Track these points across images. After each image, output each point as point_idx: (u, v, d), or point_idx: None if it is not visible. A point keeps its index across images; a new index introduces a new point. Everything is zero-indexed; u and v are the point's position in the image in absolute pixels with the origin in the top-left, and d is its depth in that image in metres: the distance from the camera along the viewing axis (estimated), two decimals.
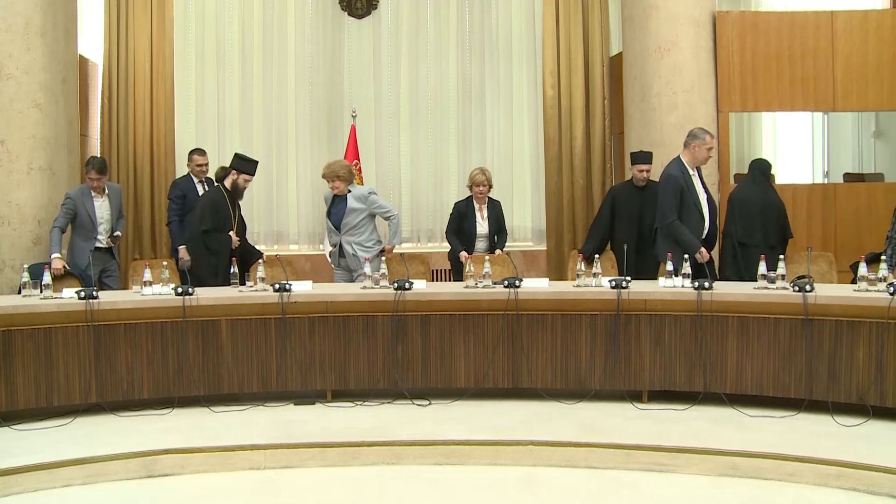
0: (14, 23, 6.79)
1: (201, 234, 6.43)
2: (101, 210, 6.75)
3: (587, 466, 4.47)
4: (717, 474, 4.30)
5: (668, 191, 6.02)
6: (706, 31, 7.46)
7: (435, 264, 8.46)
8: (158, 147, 8.81)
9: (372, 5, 9.34)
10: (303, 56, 9.29)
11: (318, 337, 5.46)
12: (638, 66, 7.59)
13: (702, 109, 7.39)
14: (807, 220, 7.47)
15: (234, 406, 5.34)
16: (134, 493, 4.24)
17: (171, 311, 5.32)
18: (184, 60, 9.10)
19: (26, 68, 6.84)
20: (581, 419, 4.98)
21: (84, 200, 6.67)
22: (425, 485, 4.29)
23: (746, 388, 5.16)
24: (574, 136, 9.14)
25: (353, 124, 8.69)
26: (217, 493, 4.23)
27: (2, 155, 6.76)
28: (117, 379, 5.26)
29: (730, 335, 5.19)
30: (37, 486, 4.25)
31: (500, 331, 5.43)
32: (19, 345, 5.07)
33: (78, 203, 6.64)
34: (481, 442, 4.61)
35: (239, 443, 4.61)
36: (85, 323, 5.18)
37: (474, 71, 9.43)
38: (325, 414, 5.23)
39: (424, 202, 9.43)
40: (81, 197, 6.67)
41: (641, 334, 5.34)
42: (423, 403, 5.35)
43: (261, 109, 9.27)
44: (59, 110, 7.11)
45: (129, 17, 8.76)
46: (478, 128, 9.44)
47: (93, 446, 4.55)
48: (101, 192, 6.75)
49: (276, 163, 9.22)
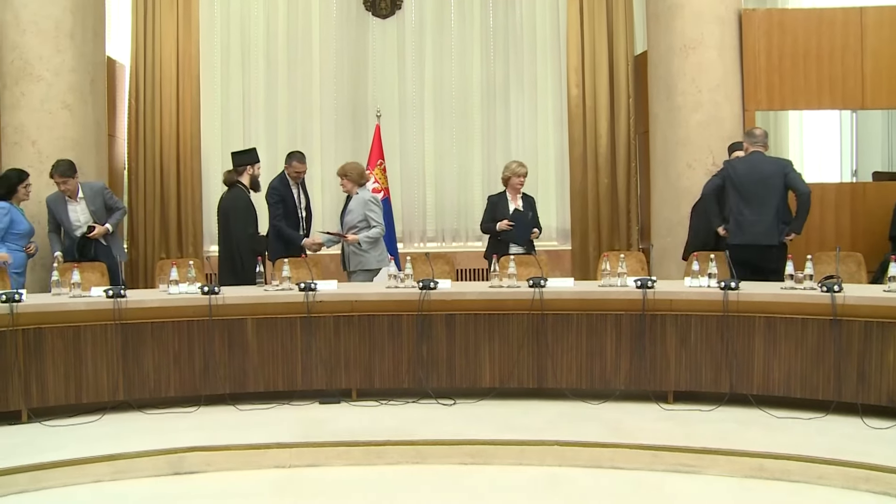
0: (45, 25, 6.90)
1: (249, 236, 6.51)
2: (76, 214, 6.68)
3: (612, 467, 4.44)
4: (743, 476, 4.26)
5: None
6: (732, 30, 7.40)
7: (460, 264, 8.46)
8: (184, 147, 8.89)
9: (396, 5, 9.37)
10: (327, 56, 9.33)
11: (344, 336, 5.48)
12: (663, 64, 7.54)
13: (727, 108, 7.33)
14: (835, 220, 7.38)
15: (259, 404, 5.36)
16: (161, 489, 4.27)
17: (198, 310, 5.35)
18: (210, 61, 9.19)
19: (56, 70, 6.95)
20: (606, 420, 4.96)
21: (58, 206, 6.64)
22: (450, 485, 4.29)
23: (773, 389, 5.11)
24: (599, 136, 9.11)
25: (377, 124, 8.71)
26: (242, 490, 4.25)
27: (33, 156, 6.88)
28: (144, 377, 5.31)
29: (756, 335, 5.14)
30: (67, 481, 4.30)
31: (525, 330, 5.42)
32: (49, 342, 5.13)
33: (52, 209, 6.64)
34: (506, 442, 4.60)
35: (264, 441, 4.63)
36: (113, 321, 5.23)
37: (498, 70, 9.43)
38: (349, 413, 5.25)
39: (449, 201, 9.43)
40: (55, 203, 6.65)
41: (667, 334, 5.31)
42: (447, 403, 5.36)
43: (286, 109, 9.33)
44: (88, 111, 7.21)
45: (156, 18, 8.86)
46: (502, 127, 9.44)
47: (121, 443, 4.59)
48: (73, 196, 6.65)
49: None
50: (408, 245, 9.25)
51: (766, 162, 6.28)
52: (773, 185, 6.16)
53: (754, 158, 6.27)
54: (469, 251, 9.20)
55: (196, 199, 8.93)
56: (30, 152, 6.92)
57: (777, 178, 6.16)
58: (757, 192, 6.15)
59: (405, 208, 9.32)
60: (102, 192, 6.84)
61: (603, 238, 9.09)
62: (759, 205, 6.15)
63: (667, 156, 7.49)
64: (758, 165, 6.23)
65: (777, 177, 6.17)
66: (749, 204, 6.17)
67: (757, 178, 6.17)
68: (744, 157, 6.32)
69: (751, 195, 6.16)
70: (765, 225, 6.13)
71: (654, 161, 7.78)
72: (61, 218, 6.63)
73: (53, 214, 6.65)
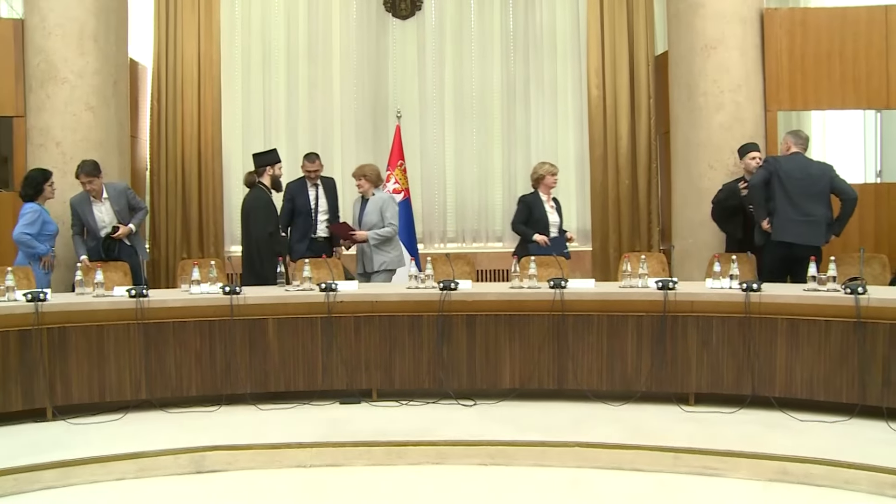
0: (70, 28, 6.98)
1: (268, 236, 6.55)
2: (101, 214, 6.74)
3: (633, 469, 4.42)
4: (766, 479, 4.22)
5: None
6: (754, 29, 7.35)
7: (480, 264, 8.46)
8: (206, 148, 8.95)
9: (416, 6, 9.38)
10: (348, 57, 9.36)
11: (364, 336, 5.49)
12: (684, 64, 7.50)
13: (749, 109, 7.28)
14: (859, 221, 7.28)
15: (280, 404, 5.38)
16: (184, 488, 4.30)
17: (219, 310, 5.39)
18: (231, 63, 9.23)
19: (80, 72, 7.02)
20: (627, 421, 4.94)
21: (83, 207, 6.69)
22: (470, 485, 4.29)
23: (796, 392, 5.06)
24: (619, 137, 9.08)
25: (397, 125, 8.71)
26: (264, 490, 4.27)
27: (58, 157, 6.95)
28: (166, 376, 5.35)
29: (779, 337, 5.10)
30: (92, 478, 4.34)
31: (545, 331, 5.41)
32: (73, 341, 5.19)
33: (77, 210, 6.69)
34: (527, 443, 4.59)
35: (285, 441, 4.65)
36: (136, 321, 5.27)
37: (518, 71, 9.41)
38: (370, 413, 5.26)
39: (469, 202, 9.43)
40: (80, 204, 6.70)
41: (688, 336, 5.28)
42: (468, 404, 5.36)
43: (306, 111, 9.36)
44: (111, 113, 7.28)
45: (178, 21, 8.93)
46: (522, 128, 9.43)
47: (144, 441, 4.63)
48: (98, 196, 6.71)
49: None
50: (428, 246, 9.25)
51: (811, 163, 6.33)
52: (821, 186, 6.18)
53: (800, 158, 6.29)
54: (489, 252, 9.20)
55: (217, 199, 8.98)
56: (54, 153, 6.99)
57: (824, 181, 6.18)
58: (805, 192, 6.15)
59: (425, 209, 9.32)
60: (126, 193, 6.90)
61: (623, 239, 9.05)
62: (805, 204, 6.14)
63: (688, 156, 7.45)
64: (805, 165, 6.24)
65: (824, 179, 6.19)
66: (795, 202, 6.14)
67: (805, 178, 6.18)
68: (789, 156, 6.31)
69: (798, 194, 6.15)
70: (812, 225, 6.13)
71: (675, 162, 7.74)
72: (86, 218, 6.68)
73: (78, 216, 6.70)
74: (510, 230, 9.18)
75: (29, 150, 7.09)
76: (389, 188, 8.25)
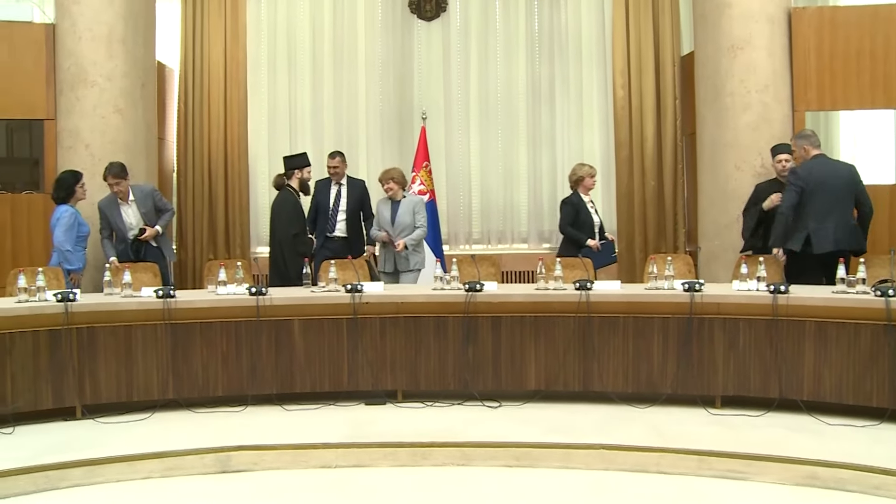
0: (99, 32, 7.07)
1: (293, 237, 6.60)
2: (128, 216, 6.79)
3: (658, 472, 4.40)
4: (794, 484, 4.18)
5: None
6: (781, 29, 7.27)
7: (505, 266, 8.45)
8: (232, 150, 9.01)
9: (441, 7, 9.38)
10: (373, 59, 9.38)
11: (390, 337, 5.51)
12: (710, 65, 7.45)
13: (777, 109, 7.21)
14: (889, 222, 7.20)
15: (306, 405, 5.41)
16: (209, 487, 4.33)
17: (246, 311, 5.43)
18: (256, 65, 9.29)
19: (109, 75, 7.11)
20: (653, 424, 4.91)
21: (111, 210, 6.74)
22: (495, 487, 4.28)
23: (825, 396, 5.01)
24: (645, 138, 9.03)
25: (423, 126, 8.72)
26: (289, 490, 4.29)
27: (87, 159, 7.03)
28: (193, 376, 5.40)
29: (807, 340, 5.05)
30: (119, 476, 4.39)
31: (571, 333, 5.39)
32: (101, 341, 5.25)
33: (106, 212, 6.73)
34: (552, 445, 4.58)
35: (311, 441, 4.67)
36: (163, 321, 5.32)
37: (544, 72, 9.39)
38: (395, 414, 5.28)
39: (494, 203, 9.41)
40: (109, 206, 6.75)
41: (715, 338, 5.24)
42: (493, 405, 5.35)
43: (332, 112, 9.39)
44: (139, 115, 7.35)
45: (205, 24, 9.00)
46: (548, 129, 9.39)
47: (170, 441, 4.67)
48: (125, 198, 6.77)
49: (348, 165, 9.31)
50: (453, 247, 9.25)
51: (837, 165, 6.29)
52: (851, 188, 6.12)
53: (825, 161, 6.22)
54: (515, 253, 9.18)
55: (243, 200, 9.04)
56: (83, 156, 7.08)
57: (852, 183, 6.13)
58: (838, 195, 6.07)
59: (451, 210, 9.32)
60: (152, 195, 6.96)
61: (649, 241, 9.00)
62: (841, 209, 6.06)
63: (714, 158, 7.39)
64: (833, 168, 6.19)
65: (852, 181, 6.13)
66: (832, 209, 6.03)
67: (837, 181, 6.09)
68: (814, 163, 6.16)
69: (833, 199, 6.05)
70: (850, 230, 6.07)
71: (701, 163, 7.68)
72: (115, 220, 6.74)
73: (107, 218, 6.75)
74: (535, 231, 9.28)
75: (59, 153, 7.19)
76: (415, 189, 8.27)
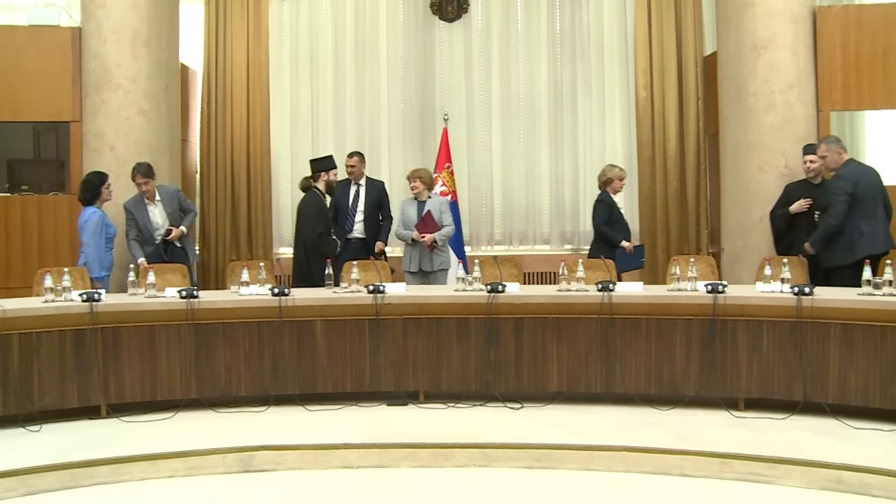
0: (124, 35, 7.14)
1: (317, 237, 6.69)
2: (155, 217, 6.87)
3: (681, 474, 4.38)
4: (819, 488, 4.14)
5: None
6: (806, 28, 7.21)
7: (528, 267, 8.43)
8: (254, 151, 9.05)
9: (462, 9, 9.38)
10: (395, 60, 9.39)
11: (412, 338, 5.51)
12: (733, 65, 7.39)
13: (801, 109, 7.15)
14: None
15: (328, 405, 5.43)
16: (232, 487, 4.36)
17: (268, 311, 5.45)
18: (279, 67, 9.33)
19: (133, 77, 7.17)
20: (675, 426, 4.89)
21: (138, 210, 6.80)
22: (516, 488, 4.28)
23: (850, 399, 4.96)
24: (667, 139, 8.99)
25: (445, 127, 8.73)
26: (311, 490, 4.31)
27: (111, 160, 7.10)
28: (216, 376, 5.43)
29: (832, 343, 5.00)
30: (143, 475, 4.44)
31: (593, 335, 5.38)
32: (126, 341, 5.30)
33: (133, 212, 6.79)
34: (574, 447, 4.57)
35: (333, 441, 4.69)
36: (186, 321, 5.36)
37: (565, 72, 9.36)
38: (417, 415, 5.28)
39: (516, 204, 9.40)
40: (136, 207, 6.81)
41: (738, 340, 5.21)
42: (515, 406, 5.35)
43: (354, 113, 9.41)
44: (162, 117, 7.41)
45: (227, 26, 9.05)
46: (569, 130, 9.37)
47: (193, 440, 4.71)
48: (151, 198, 6.84)
49: (369, 166, 9.33)
50: (475, 248, 9.25)
51: (870, 168, 6.34)
52: (883, 191, 6.19)
53: (861, 165, 6.31)
54: (537, 254, 9.16)
55: (266, 201, 9.08)
56: (108, 157, 7.14)
57: (882, 186, 6.20)
58: (875, 201, 6.12)
59: (472, 211, 9.32)
60: (177, 195, 7.04)
61: (672, 242, 8.95)
62: (873, 213, 6.09)
63: (737, 159, 7.34)
64: (868, 172, 6.24)
65: (881, 184, 6.21)
66: (870, 215, 6.07)
67: (874, 187, 6.14)
68: (854, 167, 6.18)
69: (874, 201, 6.11)
70: (884, 233, 6.09)
71: (724, 164, 7.63)
72: (143, 220, 6.80)
73: (134, 219, 6.80)
74: (557, 232, 9.26)
75: (84, 155, 7.25)
76: (437, 190, 8.28)
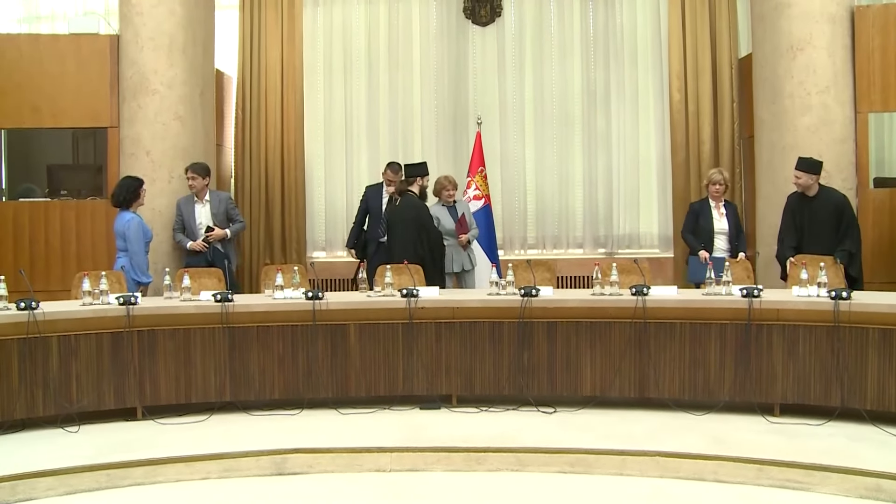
0: (160, 42, 7.24)
1: (441, 242, 7.09)
2: (200, 215, 7.10)
3: (715, 480, 4.34)
4: (857, 496, 4.08)
5: None
6: (843, 28, 7.11)
7: (561, 271, 8.40)
8: (288, 155, 9.12)
9: (496, 13, 9.38)
10: (428, 64, 9.42)
11: (445, 342, 5.52)
12: (769, 66, 7.31)
13: (838, 111, 7.05)
14: None
15: (361, 409, 5.44)
16: (265, 489, 4.39)
17: (302, 315, 5.48)
18: (313, 72, 9.40)
19: (169, 83, 7.26)
20: (709, 431, 4.84)
21: (187, 206, 7.11)
22: (549, 493, 4.27)
23: (890, 405, 4.87)
24: (702, 141, 8.91)
25: (478, 131, 8.73)
26: (343, 493, 4.33)
27: (147, 165, 7.20)
28: (250, 379, 5.47)
29: (870, 348, 4.92)
30: (178, 477, 4.49)
31: (626, 339, 5.35)
32: (161, 344, 5.36)
33: (182, 209, 7.11)
34: (607, 451, 4.55)
35: (365, 445, 4.71)
36: (221, 325, 5.41)
37: (599, 76, 9.33)
38: (450, 419, 5.28)
39: (549, 208, 9.38)
40: (186, 203, 7.12)
41: (774, 345, 5.14)
42: (548, 411, 5.33)
43: (387, 118, 9.46)
44: (198, 122, 7.50)
45: (262, 31, 9.14)
46: (603, 133, 9.33)
47: (228, 443, 4.75)
48: (201, 197, 7.10)
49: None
50: (508, 252, 9.24)
51: None
52: None
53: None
54: (570, 258, 9.13)
55: (300, 206, 9.14)
56: (144, 162, 7.24)
57: None
58: None
59: (506, 215, 9.31)
60: (227, 202, 7.32)
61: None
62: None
63: (773, 161, 7.25)
64: None
65: None
66: None
67: None
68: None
69: None
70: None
71: (759, 167, 7.55)
72: (188, 217, 7.08)
73: (181, 215, 7.12)
74: (591, 236, 9.30)
75: (121, 160, 7.37)
76: (470, 195, 8.30)
